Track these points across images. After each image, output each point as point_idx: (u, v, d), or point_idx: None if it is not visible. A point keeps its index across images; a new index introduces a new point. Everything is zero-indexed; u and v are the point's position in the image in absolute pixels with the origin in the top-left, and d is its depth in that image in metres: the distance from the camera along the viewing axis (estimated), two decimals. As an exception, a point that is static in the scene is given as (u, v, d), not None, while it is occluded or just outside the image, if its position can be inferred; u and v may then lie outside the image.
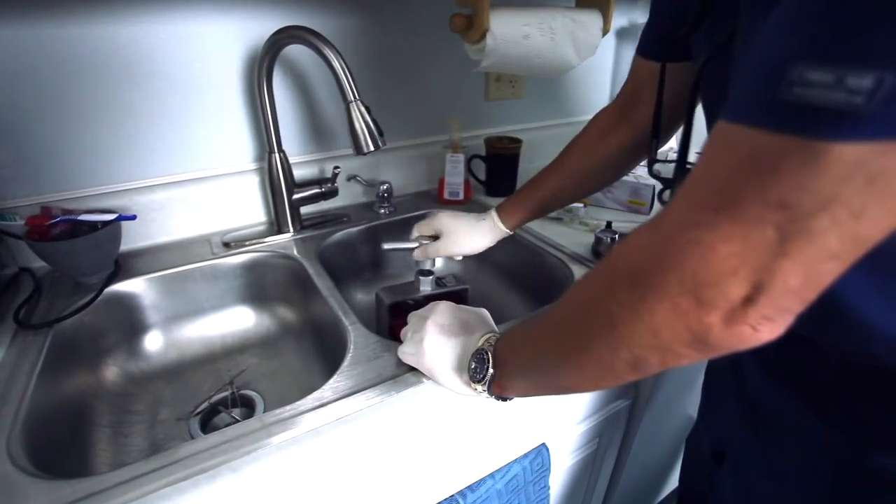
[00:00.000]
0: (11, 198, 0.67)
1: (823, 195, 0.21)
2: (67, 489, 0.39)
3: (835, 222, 0.22)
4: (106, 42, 0.65)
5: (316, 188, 0.82)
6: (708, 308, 0.25)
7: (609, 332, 0.30)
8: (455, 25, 0.71)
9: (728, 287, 0.24)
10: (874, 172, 0.20)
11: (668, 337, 0.27)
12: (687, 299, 0.26)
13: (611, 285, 0.30)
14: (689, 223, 0.26)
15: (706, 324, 0.26)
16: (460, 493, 0.61)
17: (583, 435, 0.74)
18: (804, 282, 0.24)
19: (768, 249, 0.23)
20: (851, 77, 0.20)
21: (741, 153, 0.24)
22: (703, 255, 0.25)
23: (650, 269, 0.27)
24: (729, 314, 0.25)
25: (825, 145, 0.21)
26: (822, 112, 0.21)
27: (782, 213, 0.22)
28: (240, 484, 0.41)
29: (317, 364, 0.70)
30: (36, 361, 0.54)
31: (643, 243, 0.29)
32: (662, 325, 0.27)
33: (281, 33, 0.66)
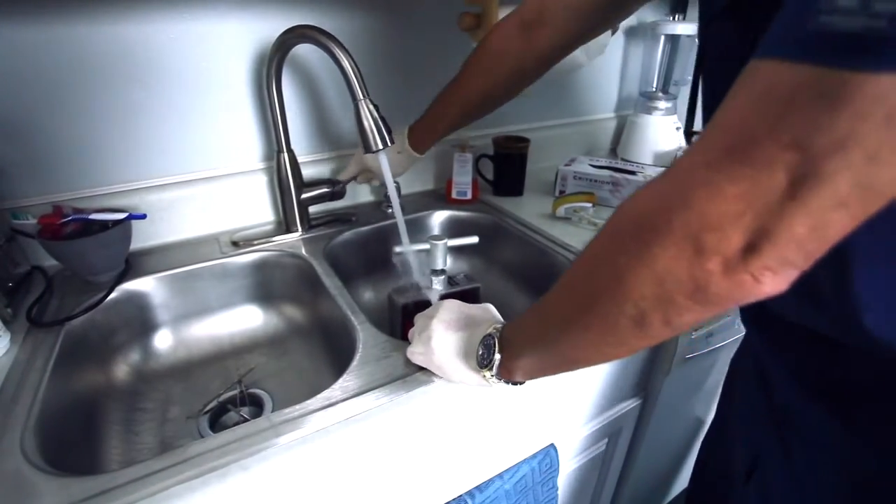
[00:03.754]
0: (23, 197, 0.68)
1: (839, 133, 0.20)
2: (79, 486, 0.40)
3: (848, 164, 0.20)
4: (116, 42, 0.66)
5: (324, 188, 0.82)
6: (710, 253, 0.24)
7: (615, 284, 0.29)
8: (464, 24, 0.71)
9: (732, 231, 0.23)
10: (892, 109, 0.19)
11: (671, 285, 0.26)
12: (690, 243, 0.25)
13: (618, 236, 0.30)
14: (700, 164, 0.25)
15: (707, 270, 0.25)
16: (468, 493, 0.61)
17: (591, 435, 0.73)
18: (810, 231, 0.22)
19: (777, 192, 0.22)
20: (877, 1, 0.19)
21: (758, 89, 0.23)
22: (709, 197, 0.24)
23: (657, 214, 0.27)
24: (731, 260, 0.24)
25: (843, 75, 0.20)
26: (842, 39, 0.20)
27: (795, 154, 0.21)
28: (250, 482, 0.41)
29: (325, 363, 0.71)
30: (48, 359, 0.54)
31: (652, 191, 0.28)
32: (666, 271, 0.26)
33: (290, 33, 0.66)
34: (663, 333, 0.30)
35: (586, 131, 1.20)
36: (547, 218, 0.87)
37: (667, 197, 0.26)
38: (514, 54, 0.63)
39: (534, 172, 1.00)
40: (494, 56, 0.65)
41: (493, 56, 0.66)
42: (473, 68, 0.68)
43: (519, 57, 0.63)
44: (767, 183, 0.22)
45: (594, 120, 1.21)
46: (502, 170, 0.97)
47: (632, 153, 1.17)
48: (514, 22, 0.63)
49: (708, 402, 0.93)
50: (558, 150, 1.15)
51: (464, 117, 0.73)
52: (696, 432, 0.99)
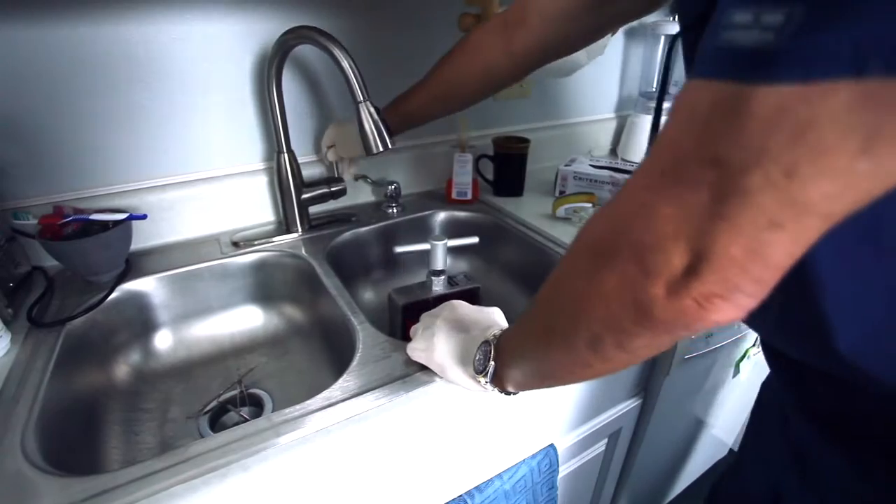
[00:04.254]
0: (24, 197, 0.68)
1: (753, 148, 0.20)
2: (79, 486, 0.40)
3: (768, 181, 0.20)
4: (118, 43, 0.66)
5: (324, 188, 0.82)
6: (652, 276, 0.24)
7: (571, 306, 0.30)
8: (463, 25, 0.71)
9: (669, 253, 0.23)
10: (801, 122, 0.19)
11: (617, 308, 0.26)
12: (633, 265, 0.25)
13: (575, 259, 0.30)
14: (640, 186, 0.25)
15: (650, 294, 0.24)
16: (468, 493, 0.61)
17: (591, 436, 0.73)
18: (747, 252, 0.22)
19: (704, 211, 0.22)
20: (766, 14, 0.19)
21: (684, 108, 0.23)
22: (647, 218, 0.24)
23: (605, 237, 0.27)
24: (672, 283, 0.24)
25: (746, 90, 0.20)
26: (741, 53, 0.20)
27: (716, 171, 0.21)
28: (250, 483, 0.41)
29: (325, 363, 0.71)
30: (49, 359, 0.54)
31: (604, 214, 0.28)
32: (612, 294, 0.26)
33: (290, 34, 0.66)
34: (620, 357, 0.30)
35: (586, 131, 1.20)
36: (547, 218, 0.87)
37: (613, 219, 0.27)
38: (488, 50, 0.63)
39: (534, 172, 1.00)
40: (470, 48, 0.65)
41: (468, 48, 0.65)
42: (447, 57, 0.68)
43: (492, 53, 0.63)
44: (695, 201, 0.22)
45: (594, 120, 1.21)
46: (502, 170, 0.97)
47: (632, 153, 1.17)
48: (498, 20, 0.62)
49: (707, 403, 0.93)
50: (558, 150, 1.15)
51: (428, 107, 0.72)
52: (696, 433, 0.99)
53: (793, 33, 0.19)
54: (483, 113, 1.03)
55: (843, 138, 0.18)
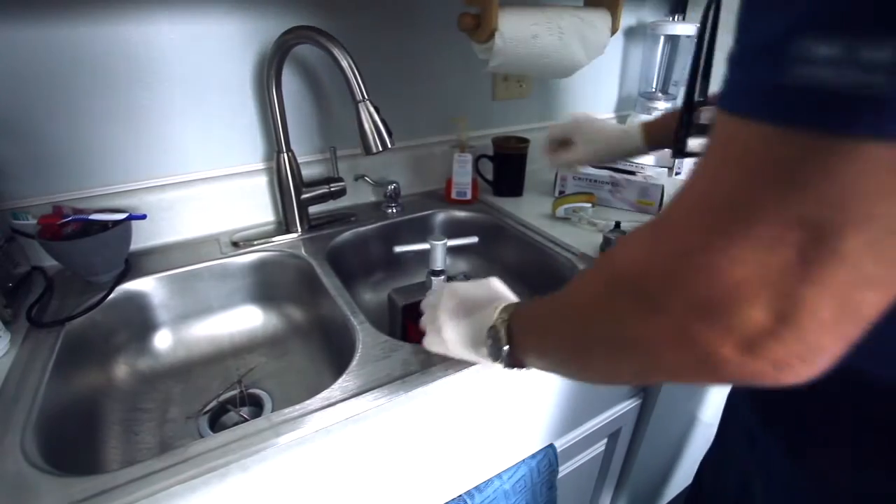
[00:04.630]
0: (24, 197, 0.68)
1: (852, 209, 0.17)
2: (79, 486, 0.40)
3: (869, 242, 0.18)
4: (118, 43, 0.66)
5: (324, 188, 0.82)
6: (722, 335, 0.22)
7: (609, 345, 0.29)
8: (463, 25, 0.71)
9: (744, 315, 0.21)
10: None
11: (671, 361, 0.25)
12: (696, 321, 0.22)
13: (611, 295, 0.28)
14: (696, 244, 0.22)
15: (720, 354, 0.22)
16: (468, 493, 0.61)
17: (591, 436, 0.73)
18: (838, 313, 0.19)
19: (790, 274, 0.19)
20: (866, 49, 0.16)
21: (749, 157, 0.20)
22: (713, 279, 0.21)
23: (653, 286, 0.24)
24: (746, 345, 0.21)
25: (847, 142, 0.17)
26: (834, 97, 0.17)
27: (804, 232, 0.18)
28: (249, 483, 0.41)
29: (325, 363, 0.71)
30: (48, 359, 0.54)
31: (646, 253, 0.25)
32: (665, 348, 0.24)
33: (290, 34, 0.66)
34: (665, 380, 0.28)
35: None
36: (547, 218, 0.87)
37: (665, 270, 0.24)
38: None
39: (534, 172, 1.00)
40: None
41: None
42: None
43: None
44: (778, 265, 0.19)
45: (594, 120, 1.21)
46: (502, 170, 0.97)
47: (631, 153, 1.17)
48: None
49: (707, 403, 0.93)
50: (558, 151, 1.15)
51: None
52: (696, 432, 0.99)
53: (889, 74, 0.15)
54: (482, 113, 1.03)
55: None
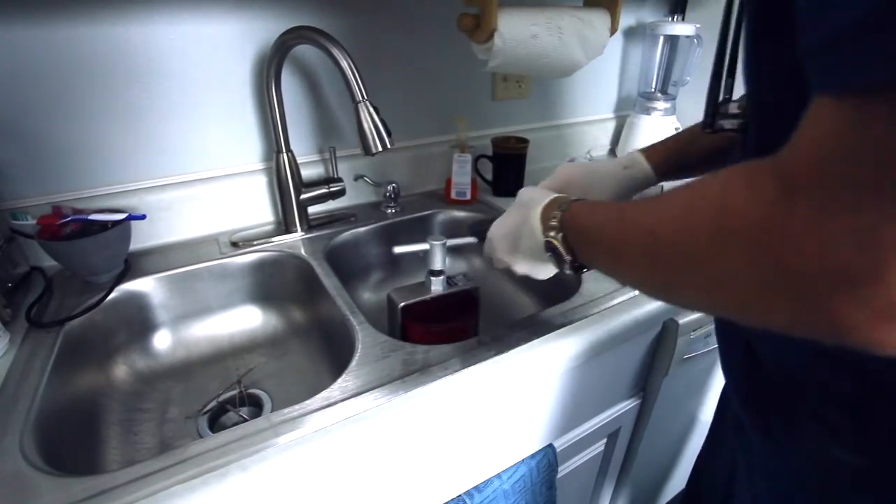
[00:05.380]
0: (23, 197, 0.68)
1: None
2: (79, 486, 0.40)
3: None
4: (117, 43, 0.66)
5: (323, 188, 0.82)
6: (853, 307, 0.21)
7: (709, 291, 0.28)
8: (462, 25, 0.71)
9: (879, 284, 0.20)
10: None
11: (787, 319, 0.24)
12: (828, 294, 0.22)
13: (723, 242, 0.26)
14: (828, 202, 0.21)
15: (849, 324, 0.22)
16: (467, 493, 0.61)
17: (590, 436, 0.73)
18: None
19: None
20: None
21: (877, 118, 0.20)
22: (861, 243, 0.21)
23: (782, 248, 0.23)
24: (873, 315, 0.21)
25: None
26: None
27: None
28: (249, 483, 0.41)
29: (324, 363, 0.71)
30: (47, 359, 0.54)
31: (775, 210, 0.24)
32: (781, 312, 0.24)
33: (289, 34, 0.66)
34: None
35: (585, 131, 1.21)
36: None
37: (797, 230, 0.23)
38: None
39: (533, 172, 1.00)
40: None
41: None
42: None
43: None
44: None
45: (593, 120, 1.22)
46: (501, 170, 0.97)
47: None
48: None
49: (707, 402, 0.93)
50: (557, 150, 1.15)
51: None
52: (695, 432, 0.99)
53: None
54: (482, 113, 1.03)
55: None
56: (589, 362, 0.60)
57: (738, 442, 0.49)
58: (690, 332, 0.69)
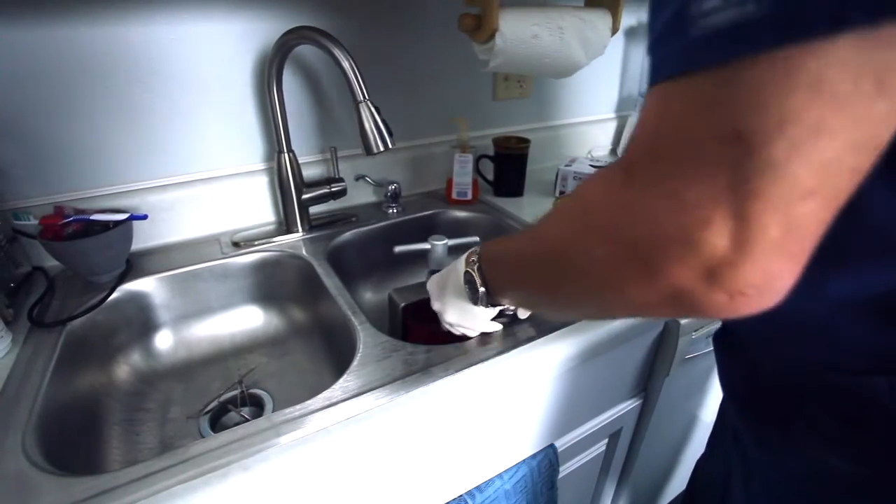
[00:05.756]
0: (25, 197, 0.68)
1: (771, 114, 0.20)
2: (80, 486, 0.40)
3: (794, 144, 0.20)
4: (118, 43, 0.66)
5: (325, 188, 0.82)
6: (679, 269, 0.23)
7: (579, 281, 0.31)
8: (463, 25, 0.71)
9: (705, 242, 0.22)
10: (812, 77, 0.19)
11: (639, 298, 0.27)
12: (658, 259, 0.24)
13: (583, 234, 0.30)
14: (654, 174, 0.24)
15: (681, 286, 0.24)
16: (469, 493, 0.61)
17: (592, 436, 0.73)
18: (785, 230, 0.21)
19: (735, 191, 0.21)
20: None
21: (678, 101, 0.23)
22: (672, 207, 0.23)
23: (619, 226, 0.26)
24: (706, 276, 0.23)
25: (746, 61, 0.20)
26: (727, 32, 0.20)
27: (738, 147, 0.21)
28: (250, 483, 0.41)
29: (326, 364, 0.71)
30: (49, 359, 0.54)
31: (614, 197, 0.27)
32: (633, 286, 0.26)
33: (291, 34, 0.66)
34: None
35: (586, 131, 1.20)
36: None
37: (631, 207, 0.26)
38: None
39: (534, 172, 1.00)
40: None
41: None
42: None
43: None
44: (723, 182, 0.21)
45: (594, 120, 1.21)
46: (502, 170, 0.97)
47: (632, 153, 1.17)
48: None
49: (708, 403, 0.93)
50: (558, 151, 1.15)
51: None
52: (696, 432, 0.99)
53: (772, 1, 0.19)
54: (483, 113, 1.03)
55: (856, 83, 0.19)
56: (590, 362, 0.60)
57: (735, 450, 0.49)
58: (692, 333, 0.69)
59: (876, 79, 0.19)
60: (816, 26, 0.18)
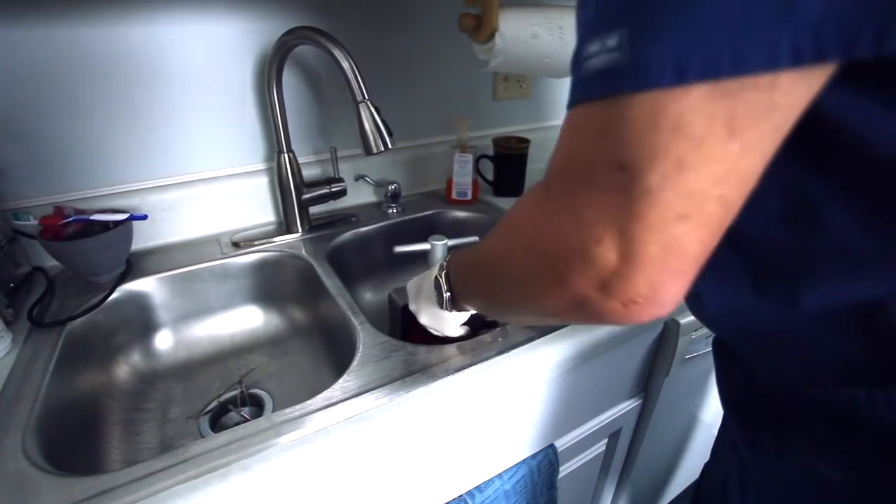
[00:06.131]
0: (25, 198, 0.68)
1: (646, 149, 0.22)
2: (80, 486, 0.40)
3: (664, 175, 0.22)
4: (119, 43, 0.66)
5: (325, 188, 0.83)
6: (580, 279, 0.26)
7: (511, 289, 0.35)
8: (463, 25, 0.71)
9: (599, 256, 0.25)
10: (674, 119, 0.21)
11: (553, 305, 0.30)
12: (564, 270, 0.27)
13: (511, 246, 0.34)
14: (560, 194, 0.28)
15: (583, 295, 0.27)
16: (468, 493, 0.61)
17: (591, 436, 0.73)
18: (663, 248, 0.24)
19: (621, 213, 0.24)
20: (608, 39, 0.23)
21: (580, 127, 0.26)
22: (572, 224, 0.26)
23: (536, 239, 0.30)
24: (602, 286, 0.26)
25: (621, 100, 0.23)
26: (603, 74, 0.23)
27: (623, 174, 0.23)
28: (250, 483, 0.41)
29: (325, 364, 0.71)
30: (49, 359, 0.54)
31: (534, 214, 0.31)
32: (548, 294, 0.30)
33: (291, 34, 0.66)
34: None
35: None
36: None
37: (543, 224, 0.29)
38: None
39: (534, 173, 1.00)
40: None
41: None
42: None
43: None
44: (611, 205, 0.24)
45: (594, 120, 1.21)
46: (502, 170, 0.97)
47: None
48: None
49: (708, 403, 0.93)
50: (558, 151, 1.15)
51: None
52: (696, 432, 0.99)
53: (630, 50, 0.22)
54: (483, 113, 1.03)
55: (710, 126, 0.21)
56: (590, 362, 0.60)
57: (733, 457, 0.49)
58: (692, 333, 0.69)
59: (726, 123, 0.21)
60: (664, 76, 0.21)
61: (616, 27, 0.23)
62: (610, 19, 0.23)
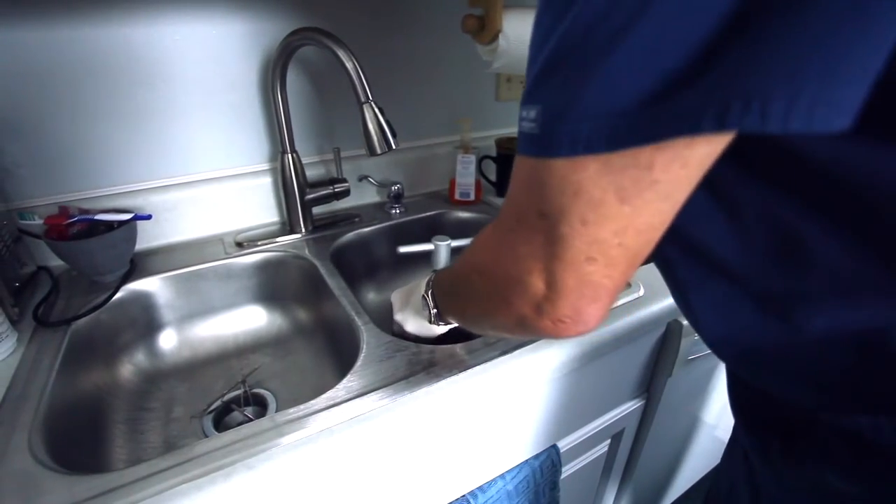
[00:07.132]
0: (30, 198, 0.69)
1: (557, 205, 0.27)
2: (85, 484, 0.40)
3: (573, 228, 0.27)
4: (122, 44, 0.66)
5: (328, 188, 0.83)
6: (520, 302, 0.32)
7: (473, 307, 0.41)
8: (467, 26, 0.71)
9: (529, 284, 0.30)
10: (575, 185, 0.26)
11: (503, 322, 0.36)
12: (512, 297, 0.32)
13: (471, 268, 0.39)
14: (504, 230, 0.32)
15: (523, 315, 0.32)
16: (471, 493, 0.61)
17: (594, 436, 0.73)
18: (579, 282, 0.28)
19: (545, 252, 0.29)
20: (531, 111, 0.27)
21: (517, 175, 0.30)
22: (512, 256, 0.31)
23: (488, 266, 0.35)
24: (536, 308, 0.31)
25: (539, 162, 0.27)
26: (528, 138, 0.27)
27: (544, 221, 0.28)
28: (254, 482, 0.41)
29: (329, 364, 0.71)
30: (54, 359, 0.55)
31: (488, 243, 0.36)
32: (499, 312, 0.35)
33: (295, 35, 0.67)
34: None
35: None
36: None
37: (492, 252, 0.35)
38: None
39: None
40: None
41: None
42: None
43: None
44: (538, 245, 0.29)
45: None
46: (505, 171, 0.97)
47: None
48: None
49: (710, 404, 0.93)
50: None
51: None
52: (699, 434, 0.99)
53: (542, 123, 0.26)
54: (485, 114, 1.03)
55: (604, 193, 0.25)
56: (593, 363, 0.60)
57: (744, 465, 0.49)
58: (694, 334, 0.69)
59: (616, 193, 0.25)
60: (561, 148, 0.25)
61: (535, 102, 0.27)
62: (533, 95, 0.27)
